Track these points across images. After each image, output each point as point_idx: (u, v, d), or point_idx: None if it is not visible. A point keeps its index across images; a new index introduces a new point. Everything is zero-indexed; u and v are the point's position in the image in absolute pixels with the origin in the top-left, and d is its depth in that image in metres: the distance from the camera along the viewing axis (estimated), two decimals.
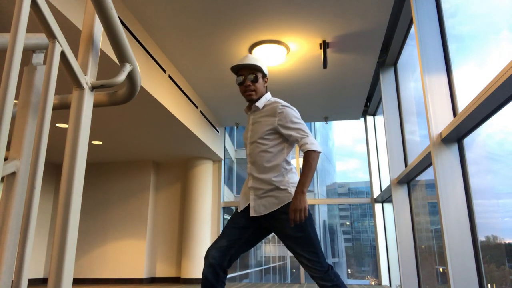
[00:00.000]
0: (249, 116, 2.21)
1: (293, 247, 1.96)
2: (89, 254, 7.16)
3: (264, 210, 2.00)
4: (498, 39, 2.65)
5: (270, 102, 2.16)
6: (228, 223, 2.08)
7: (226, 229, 2.04)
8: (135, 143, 6.38)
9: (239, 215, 2.09)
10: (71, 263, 0.85)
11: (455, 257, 2.76)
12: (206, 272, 1.89)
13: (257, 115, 2.15)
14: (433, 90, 3.13)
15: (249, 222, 2.06)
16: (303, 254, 1.93)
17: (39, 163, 0.79)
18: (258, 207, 2.02)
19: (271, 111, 2.10)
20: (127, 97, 1.16)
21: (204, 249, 6.93)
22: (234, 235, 1.99)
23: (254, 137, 2.11)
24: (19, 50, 0.73)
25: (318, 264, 1.93)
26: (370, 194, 6.96)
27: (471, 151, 2.91)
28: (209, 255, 1.92)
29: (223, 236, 2.00)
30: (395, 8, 4.05)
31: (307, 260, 1.93)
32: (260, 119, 2.12)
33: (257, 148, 2.08)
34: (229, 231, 2.01)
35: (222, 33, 4.32)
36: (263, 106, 2.15)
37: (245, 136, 2.21)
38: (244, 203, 2.10)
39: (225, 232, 2.02)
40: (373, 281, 10.05)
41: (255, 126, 2.13)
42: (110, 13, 0.97)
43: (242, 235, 2.02)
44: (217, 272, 1.89)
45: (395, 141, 5.11)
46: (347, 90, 5.90)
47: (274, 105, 2.11)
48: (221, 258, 1.92)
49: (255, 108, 2.15)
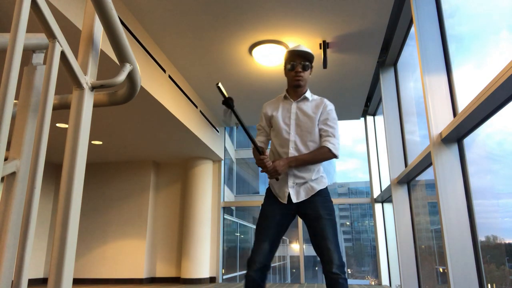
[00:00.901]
0: (290, 103, 2.25)
1: (324, 227, 2.02)
2: (89, 254, 7.16)
3: (305, 196, 2.11)
4: (497, 39, 2.65)
5: (315, 97, 2.27)
6: (263, 222, 2.11)
7: (265, 229, 2.08)
8: (135, 143, 6.38)
9: (272, 209, 2.14)
10: (71, 263, 0.85)
11: (455, 257, 2.76)
12: (254, 274, 1.95)
13: (304, 104, 2.23)
14: (433, 90, 3.13)
15: (283, 214, 2.12)
16: (330, 237, 1.99)
17: (39, 163, 0.79)
18: (299, 193, 2.11)
19: (319, 105, 2.21)
20: (127, 97, 1.16)
21: (204, 249, 6.93)
22: (273, 235, 2.06)
23: (302, 125, 2.17)
24: (19, 50, 0.73)
25: (338, 251, 1.98)
26: (370, 194, 6.96)
27: (470, 151, 2.91)
28: (256, 261, 1.98)
29: (264, 239, 2.04)
30: (395, 8, 4.05)
31: (331, 243, 1.97)
32: (308, 110, 2.20)
33: (305, 136, 2.16)
34: (269, 231, 2.07)
35: (222, 33, 4.32)
36: (311, 98, 2.25)
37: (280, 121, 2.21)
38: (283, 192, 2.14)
39: (265, 233, 2.06)
40: (373, 281, 10.06)
41: (302, 115, 2.19)
42: (110, 13, 0.97)
43: (279, 230, 2.10)
44: (264, 273, 1.99)
45: (395, 141, 5.11)
46: (347, 90, 5.90)
47: (322, 100, 2.24)
48: (267, 261, 2.01)
49: (303, 98, 2.24)
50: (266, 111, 2.31)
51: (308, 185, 2.13)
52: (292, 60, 2.20)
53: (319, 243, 2.01)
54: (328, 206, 2.09)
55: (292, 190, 2.12)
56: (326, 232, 2.01)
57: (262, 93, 5.98)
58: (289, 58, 2.22)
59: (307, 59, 2.20)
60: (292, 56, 2.20)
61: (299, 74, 2.18)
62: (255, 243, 2.06)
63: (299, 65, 2.18)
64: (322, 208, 2.07)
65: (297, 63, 2.19)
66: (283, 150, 2.17)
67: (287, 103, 2.26)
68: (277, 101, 2.33)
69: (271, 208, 2.15)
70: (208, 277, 6.98)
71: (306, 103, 2.23)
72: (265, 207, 2.17)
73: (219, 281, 7.12)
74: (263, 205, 2.20)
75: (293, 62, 2.20)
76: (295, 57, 2.20)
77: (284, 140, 2.18)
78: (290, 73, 2.22)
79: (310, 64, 2.22)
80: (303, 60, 2.19)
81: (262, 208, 2.19)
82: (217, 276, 7.14)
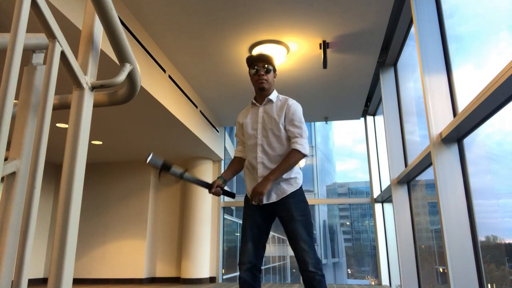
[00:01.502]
0: (257, 108, 2.33)
1: (297, 229, 2.08)
2: (89, 254, 7.16)
3: (276, 198, 2.16)
4: (496, 39, 2.65)
5: (280, 98, 2.33)
6: (244, 223, 2.20)
7: (246, 230, 2.17)
8: (135, 143, 6.38)
9: (252, 210, 2.21)
10: (71, 263, 0.85)
11: (455, 257, 2.76)
12: (244, 275, 2.05)
13: (269, 107, 2.29)
14: (433, 90, 3.13)
15: (261, 214, 2.19)
16: (304, 237, 2.05)
17: (39, 163, 0.79)
18: (269, 195, 2.17)
19: (283, 106, 2.26)
20: (127, 97, 1.16)
21: (204, 249, 6.93)
22: (256, 235, 2.15)
23: (267, 128, 2.23)
24: (19, 50, 0.73)
25: (313, 250, 2.06)
26: (370, 194, 6.96)
27: (470, 151, 2.91)
28: (244, 262, 2.08)
29: (247, 240, 2.14)
30: (395, 8, 4.05)
31: (304, 243, 2.04)
32: (273, 112, 2.26)
33: (271, 139, 2.22)
34: (251, 232, 2.16)
35: (222, 33, 4.32)
36: (276, 100, 2.31)
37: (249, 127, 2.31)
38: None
39: (246, 234, 2.16)
40: (373, 281, 10.04)
41: (267, 118, 2.26)
42: (110, 13, 0.97)
43: (260, 230, 2.18)
44: (254, 273, 2.08)
45: (395, 141, 5.11)
46: (347, 90, 5.90)
47: (286, 101, 2.28)
48: (255, 260, 2.09)
49: (267, 100, 2.29)
50: (238, 120, 2.41)
51: (280, 187, 2.17)
52: (255, 64, 2.29)
53: (294, 244, 2.08)
54: (300, 207, 2.14)
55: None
56: (299, 233, 2.07)
57: None
58: (251, 63, 2.31)
59: (268, 62, 2.28)
60: (254, 61, 2.29)
61: (262, 77, 2.26)
62: (240, 245, 2.15)
63: (262, 69, 2.26)
64: (295, 210, 2.13)
65: (260, 67, 2.27)
66: (252, 155, 2.24)
67: (255, 109, 2.35)
68: (247, 108, 2.42)
69: (249, 210, 2.23)
70: (208, 277, 6.98)
71: (271, 105, 2.30)
72: (245, 210, 2.26)
73: (219, 281, 7.12)
74: (243, 208, 2.29)
75: (256, 66, 2.28)
76: (257, 62, 2.28)
77: (252, 145, 2.26)
78: (254, 77, 2.30)
79: (272, 67, 2.30)
80: (264, 64, 2.27)
81: (243, 211, 2.28)
82: (217, 276, 7.14)
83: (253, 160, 2.24)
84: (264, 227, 2.20)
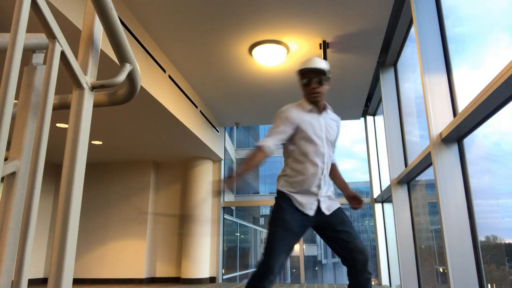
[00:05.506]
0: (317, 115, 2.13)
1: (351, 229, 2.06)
2: (89, 254, 7.16)
3: (332, 208, 2.12)
4: (491, 40, 2.65)
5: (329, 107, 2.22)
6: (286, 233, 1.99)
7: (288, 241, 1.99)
8: (135, 143, 6.38)
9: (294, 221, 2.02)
10: (71, 263, 0.85)
11: (455, 257, 2.76)
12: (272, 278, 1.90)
13: (327, 117, 2.17)
14: (433, 90, 3.13)
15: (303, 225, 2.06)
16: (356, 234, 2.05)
17: (39, 163, 0.79)
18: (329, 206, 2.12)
19: (336, 120, 2.23)
20: (127, 97, 1.16)
21: (204, 249, 6.93)
22: (292, 247, 2.02)
23: (329, 139, 2.15)
24: (19, 50, 0.73)
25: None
26: (370, 194, 6.96)
27: (469, 151, 2.91)
28: (274, 272, 1.90)
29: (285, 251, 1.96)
30: (395, 8, 4.05)
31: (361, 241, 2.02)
32: (331, 124, 2.18)
33: (330, 151, 2.18)
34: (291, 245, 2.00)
35: (222, 33, 4.32)
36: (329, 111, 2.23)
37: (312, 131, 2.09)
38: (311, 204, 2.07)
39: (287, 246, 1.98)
40: (373, 281, 10.04)
41: (329, 129, 2.16)
42: (110, 13, 0.97)
43: (297, 242, 2.08)
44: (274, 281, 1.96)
45: (395, 141, 5.11)
46: (347, 90, 5.90)
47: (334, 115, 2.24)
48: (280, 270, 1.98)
49: (326, 110, 2.17)
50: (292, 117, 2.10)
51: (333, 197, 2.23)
52: (306, 76, 2.09)
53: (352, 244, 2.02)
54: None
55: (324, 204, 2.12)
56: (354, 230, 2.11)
57: (262, 93, 5.98)
58: (303, 74, 2.10)
59: (321, 73, 2.07)
60: (306, 73, 2.09)
61: (315, 91, 2.07)
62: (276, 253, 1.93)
63: (313, 82, 2.06)
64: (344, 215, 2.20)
65: (312, 78, 2.06)
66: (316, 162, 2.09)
67: (314, 116, 2.13)
68: (300, 109, 2.15)
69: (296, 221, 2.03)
70: (208, 277, 6.98)
71: (327, 116, 2.18)
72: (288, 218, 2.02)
73: (219, 281, 7.12)
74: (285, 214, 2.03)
75: (307, 78, 2.08)
76: (308, 73, 2.08)
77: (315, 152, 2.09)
78: (307, 89, 2.10)
79: (325, 76, 2.08)
80: (316, 75, 2.07)
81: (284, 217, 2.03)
82: (217, 276, 7.14)
83: (316, 168, 2.08)
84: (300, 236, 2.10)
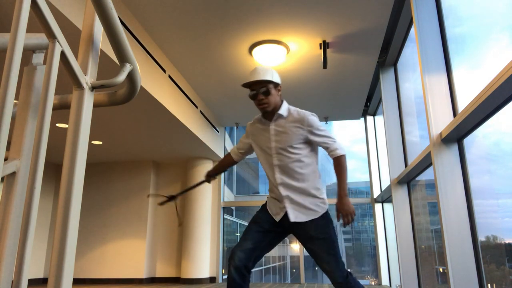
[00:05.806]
0: (268, 125, 2.16)
1: (316, 249, 2.02)
2: (89, 254, 7.16)
3: (305, 218, 2.06)
4: (491, 40, 2.65)
5: (292, 110, 2.16)
6: (252, 226, 2.13)
7: (251, 231, 2.09)
8: (135, 143, 6.38)
9: (264, 219, 2.14)
10: (71, 263, 0.85)
11: (455, 257, 2.75)
12: (233, 274, 1.96)
13: (282, 123, 2.13)
14: (433, 90, 3.13)
15: (274, 227, 2.12)
16: (324, 257, 1.99)
17: (39, 163, 0.79)
18: (297, 214, 2.06)
19: (298, 119, 2.11)
20: (127, 97, 1.16)
21: (204, 249, 6.93)
22: (259, 238, 2.07)
23: (282, 145, 2.10)
24: (19, 50, 0.73)
25: (338, 269, 1.97)
26: (370, 194, 6.96)
27: (469, 152, 2.91)
28: (235, 257, 1.98)
29: (248, 239, 2.05)
30: (395, 8, 4.05)
31: (327, 264, 1.98)
32: (287, 128, 2.11)
33: (287, 157, 2.09)
34: (255, 234, 2.08)
35: (222, 33, 4.32)
36: (288, 114, 2.15)
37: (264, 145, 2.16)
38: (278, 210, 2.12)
39: (250, 234, 2.08)
40: (373, 281, 10.04)
41: (281, 135, 2.11)
42: (110, 13, 0.97)
43: (265, 237, 2.09)
44: (243, 273, 1.97)
45: (395, 141, 5.11)
46: (347, 90, 5.90)
47: (299, 113, 2.13)
48: (246, 260, 1.99)
49: (278, 116, 2.14)
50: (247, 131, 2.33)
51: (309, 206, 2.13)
52: (252, 89, 2.11)
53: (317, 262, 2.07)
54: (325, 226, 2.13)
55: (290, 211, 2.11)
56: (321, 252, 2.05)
57: None
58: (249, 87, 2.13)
59: (267, 84, 2.09)
60: (251, 86, 2.11)
61: (262, 102, 2.10)
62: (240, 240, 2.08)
63: (259, 94, 2.09)
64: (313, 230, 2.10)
65: (257, 90, 2.09)
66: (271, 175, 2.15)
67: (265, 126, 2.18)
68: (256, 121, 2.26)
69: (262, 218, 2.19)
70: (208, 277, 6.98)
71: (283, 121, 2.14)
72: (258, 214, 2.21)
73: (219, 281, 7.12)
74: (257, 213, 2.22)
75: (253, 90, 2.10)
76: (253, 86, 2.10)
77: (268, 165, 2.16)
78: (255, 102, 2.13)
79: (272, 84, 2.11)
80: (261, 86, 2.08)
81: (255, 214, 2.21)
82: (217, 276, 7.14)
83: (273, 180, 2.14)
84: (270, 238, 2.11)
